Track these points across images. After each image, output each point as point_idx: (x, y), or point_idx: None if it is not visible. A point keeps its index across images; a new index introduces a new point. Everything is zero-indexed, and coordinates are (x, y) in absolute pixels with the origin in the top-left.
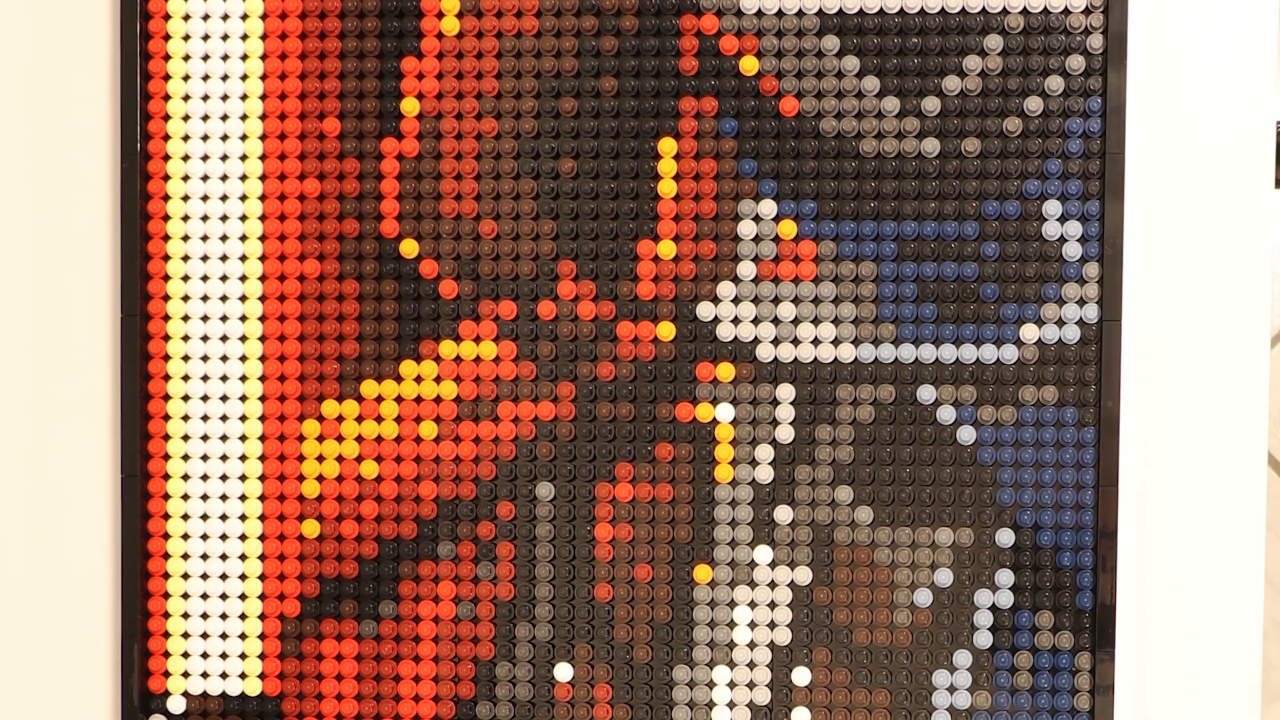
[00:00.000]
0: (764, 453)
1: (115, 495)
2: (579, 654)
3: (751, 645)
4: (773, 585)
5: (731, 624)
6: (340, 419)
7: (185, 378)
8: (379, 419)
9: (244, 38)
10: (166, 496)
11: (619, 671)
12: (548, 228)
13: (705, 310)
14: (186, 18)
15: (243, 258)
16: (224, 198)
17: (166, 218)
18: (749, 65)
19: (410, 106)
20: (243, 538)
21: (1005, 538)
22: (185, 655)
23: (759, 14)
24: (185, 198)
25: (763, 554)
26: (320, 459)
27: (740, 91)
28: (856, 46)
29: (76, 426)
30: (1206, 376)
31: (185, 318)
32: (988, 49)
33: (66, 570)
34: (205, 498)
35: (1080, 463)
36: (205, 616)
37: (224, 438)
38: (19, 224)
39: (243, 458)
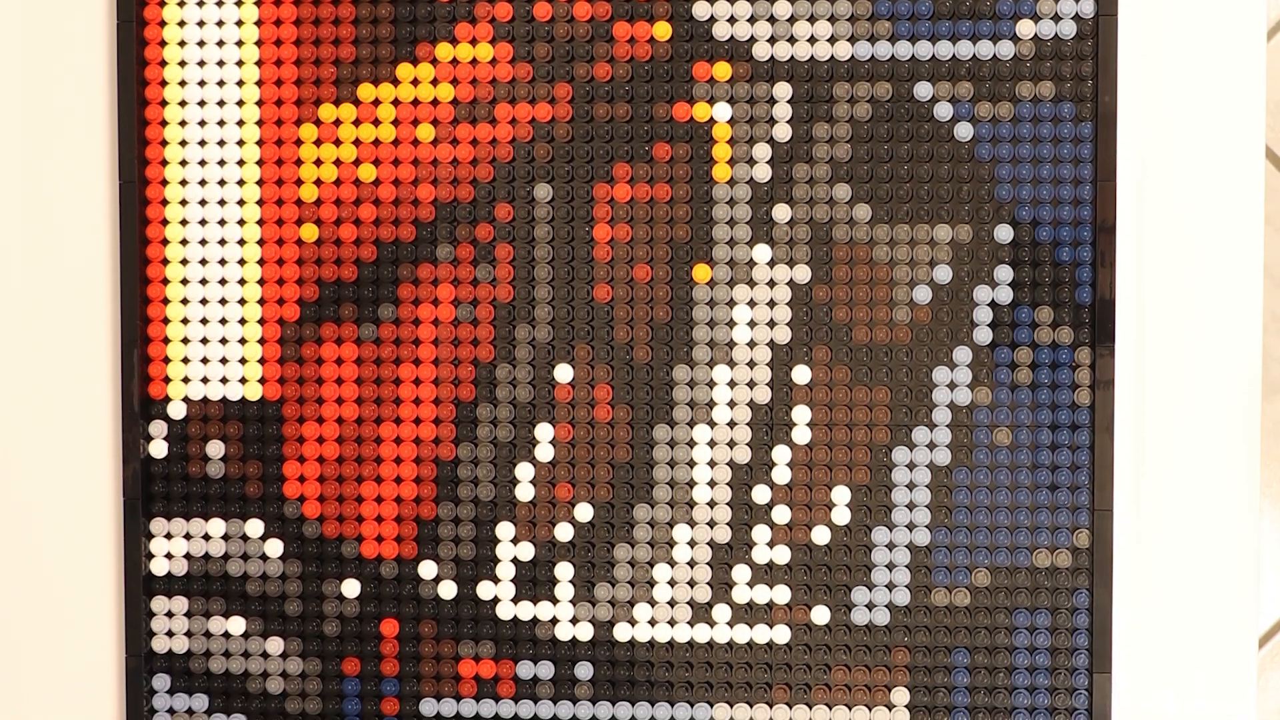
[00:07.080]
0: (761, 151)
1: (113, 201)
2: (579, 355)
3: (751, 344)
4: (772, 284)
5: (731, 323)
6: (337, 122)
7: (182, 83)
8: (376, 122)
9: None
10: (164, 202)
11: (619, 372)
12: None
13: (701, 9)
14: None
15: None
16: None
17: None
18: None
19: None
20: (241, 242)
21: (1004, 233)
22: (185, 361)
23: None
24: None
25: (761, 252)
26: (318, 163)
27: None
28: None
29: (73, 133)
30: (1203, 70)
31: (181, 23)
32: None
33: (66, 279)
34: (203, 203)
35: (1078, 157)
36: (205, 321)
37: (221, 142)
38: None
39: (240, 162)
